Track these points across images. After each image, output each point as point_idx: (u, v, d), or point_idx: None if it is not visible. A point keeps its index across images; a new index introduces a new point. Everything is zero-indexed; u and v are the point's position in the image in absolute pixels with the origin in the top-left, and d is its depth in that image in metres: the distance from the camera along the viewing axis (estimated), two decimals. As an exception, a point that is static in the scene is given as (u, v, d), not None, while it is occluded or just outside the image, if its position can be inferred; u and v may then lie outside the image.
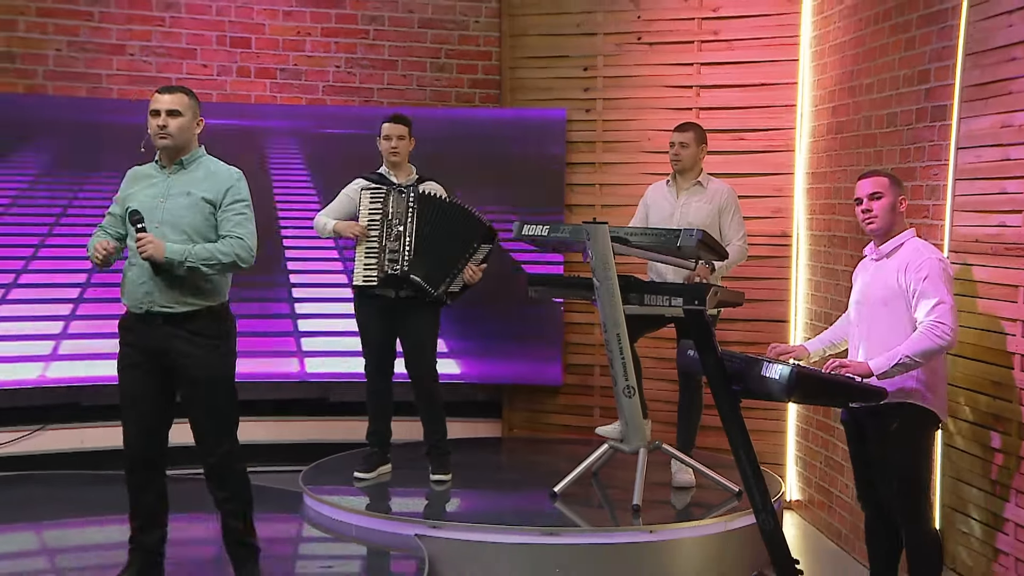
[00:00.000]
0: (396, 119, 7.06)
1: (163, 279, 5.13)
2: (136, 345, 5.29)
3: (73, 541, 6.68)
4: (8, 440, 8.07)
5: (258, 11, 8.52)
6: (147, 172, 5.43)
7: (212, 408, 5.35)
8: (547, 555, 6.16)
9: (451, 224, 7.00)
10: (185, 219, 5.23)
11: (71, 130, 8.06)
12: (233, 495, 5.43)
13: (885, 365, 4.99)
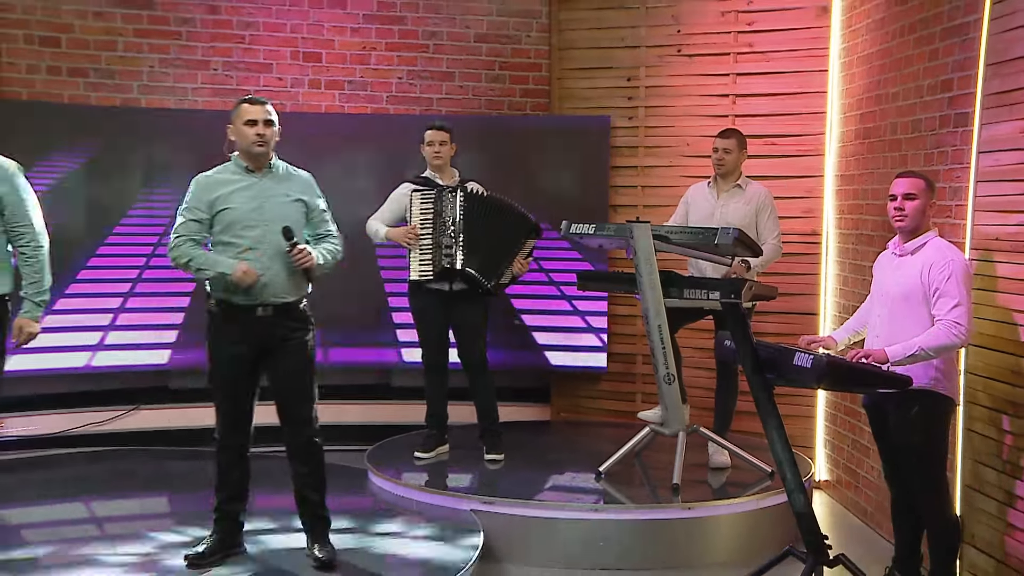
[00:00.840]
0: (438, 126, 7.06)
1: (280, 274, 5.22)
2: (238, 337, 5.32)
3: (159, 509, 6.71)
4: (105, 419, 8.22)
5: (328, 28, 8.54)
6: (228, 177, 5.41)
7: (303, 389, 5.42)
8: (593, 530, 6.17)
9: (499, 220, 6.98)
10: (291, 218, 5.31)
11: (160, 138, 8.11)
12: (312, 471, 5.48)
13: (901, 354, 5.01)
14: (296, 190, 5.41)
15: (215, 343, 5.39)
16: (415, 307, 7.14)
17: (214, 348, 5.40)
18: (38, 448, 7.85)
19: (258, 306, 5.25)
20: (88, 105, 8.20)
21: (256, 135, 5.28)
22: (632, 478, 6.85)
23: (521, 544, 6.19)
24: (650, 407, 7.10)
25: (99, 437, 8.15)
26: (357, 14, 8.57)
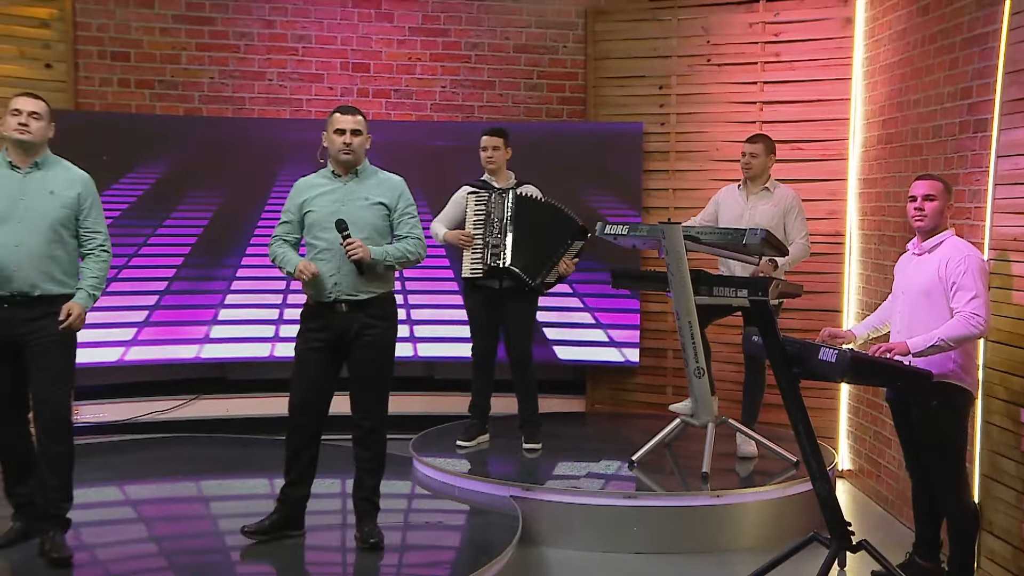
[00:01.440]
0: (492, 132, 7.05)
1: (350, 273, 5.27)
2: (319, 329, 5.38)
3: (219, 492, 6.74)
4: (168, 407, 8.32)
5: (376, 40, 8.57)
6: (318, 182, 5.50)
7: (379, 380, 5.46)
8: (626, 516, 6.18)
9: (546, 222, 6.96)
10: (368, 220, 5.35)
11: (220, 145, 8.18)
12: (373, 456, 5.50)
13: (922, 345, 5.02)
14: (378, 194, 5.43)
15: (301, 333, 5.48)
16: (468, 303, 7.15)
17: (300, 338, 5.48)
18: (107, 434, 7.92)
19: (335, 302, 5.31)
20: (153, 115, 8.30)
21: (343, 143, 5.34)
22: (663, 467, 6.83)
23: (558, 529, 6.18)
24: (681, 399, 7.08)
25: (162, 424, 8.23)
26: (403, 27, 8.60)
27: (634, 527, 6.11)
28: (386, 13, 8.57)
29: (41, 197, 5.14)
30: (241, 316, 8.21)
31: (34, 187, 5.15)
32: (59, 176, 5.24)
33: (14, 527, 5.35)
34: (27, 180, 5.16)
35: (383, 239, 5.42)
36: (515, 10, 8.66)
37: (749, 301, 5.86)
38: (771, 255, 6.37)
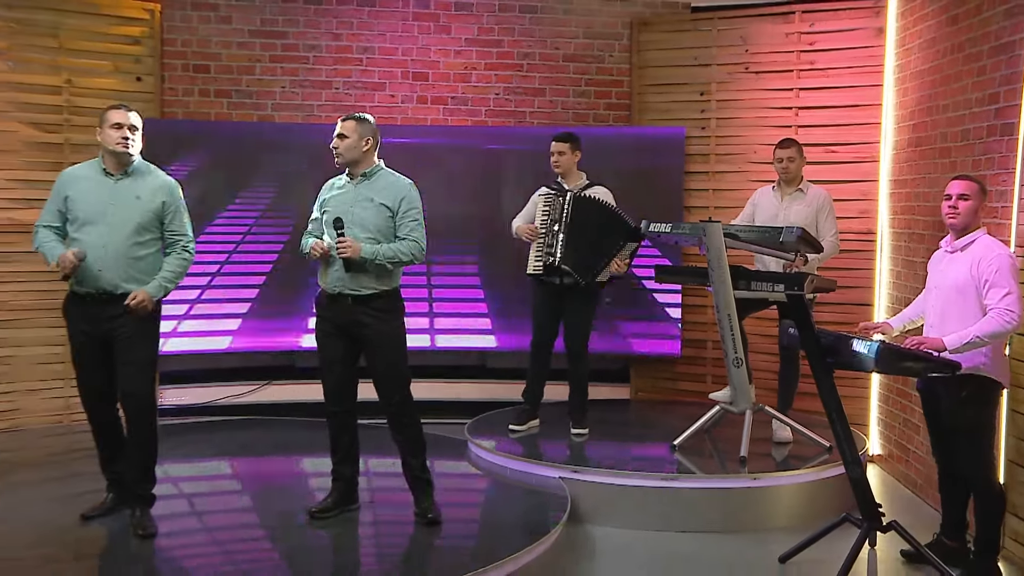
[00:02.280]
0: (558, 137, 7.01)
1: (351, 270, 5.28)
2: (330, 319, 5.45)
3: (287, 470, 6.78)
4: (242, 392, 8.40)
5: (434, 51, 8.57)
6: (339, 183, 5.55)
7: (389, 367, 5.44)
8: (667, 497, 6.17)
9: (600, 223, 6.90)
10: (370, 221, 5.36)
11: (290, 149, 8.20)
12: (409, 439, 5.52)
13: (958, 342, 4.99)
14: (383, 196, 5.41)
15: (316, 324, 5.55)
16: (532, 298, 7.14)
17: (316, 328, 5.56)
18: (186, 416, 8.01)
19: (340, 295, 5.35)
20: (230, 121, 8.37)
21: (332, 147, 5.42)
22: (703, 451, 6.81)
23: (603, 508, 6.19)
24: (720, 388, 7.08)
25: (235, 408, 8.32)
26: (460, 38, 8.59)
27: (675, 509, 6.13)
28: (444, 26, 8.57)
29: (128, 202, 5.20)
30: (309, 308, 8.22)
31: (123, 193, 5.21)
32: (147, 183, 5.29)
33: (108, 497, 5.48)
34: (117, 186, 5.22)
35: (387, 239, 5.40)
36: (564, 22, 8.63)
37: (786, 295, 5.83)
38: (806, 251, 6.31)
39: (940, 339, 5.03)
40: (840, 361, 5.14)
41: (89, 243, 5.13)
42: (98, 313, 5.18)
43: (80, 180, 5.27)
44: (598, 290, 7.01)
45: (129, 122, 5.19)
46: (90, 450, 5.50)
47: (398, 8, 8.52)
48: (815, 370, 5.29)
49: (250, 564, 5.03)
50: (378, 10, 8.50)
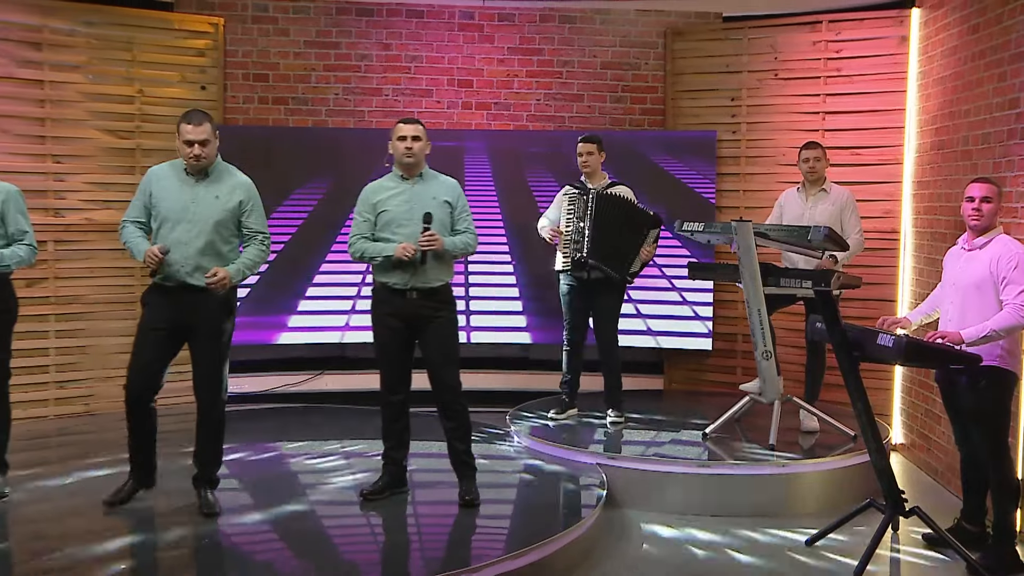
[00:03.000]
0: (585, 139, 7.01)
1: (426, 263, 5.33)
2: (393, 313, 5.45)
3: (340, 454, 6.78)
4: (298, 381, 8.48)
5: (478, 59, 8.59)
6: (387, 185, 5.55)
7: (445, 357, 5.47)
8: (699, 483, 6.19)
9: (623, 217, 6.89)
10: (437, 217, 5.42)
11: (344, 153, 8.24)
12: (458, 425, 5.55)
13: (975, 335, 5.00)
14: (443, 193, 5.48)
15: (377, 318, 5.54)
16: (561, 293, 7.11)
17: (376, 322, 5.55)
18: (245, 403, 8.04)
19: (409, 290, 5.37)
20: (287, 127, 8.42)
21: (405, 148, 5.40)
22: (734, 439, 6.79)
23: (638, 493, 6.20)
24: (749, 379, 7.06)
25: (291, 396, 8.39)
26: (503, 47, 8.60)
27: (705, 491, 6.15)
28: (488, 35, 8.59)
29: (208, 202, 5.23)
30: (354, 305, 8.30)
31: (203, 193, 5.23)
32: (225, 183, 5.31)
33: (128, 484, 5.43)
34: (197, 187, 5.24)
35: (446, 233, 5.45)
36: (602, 31, 8.62)
37: (814, 292, 5.86)
38: (833, 249, 6.34)
39: (958, 333, 5.03)
40: (866, 354, 5.15)
41: (172, 240, 5.17)
42: (180, 304, 5.21)
43: (164, 179, 5.30)
44: (629, 281, 7.02)
45: (200, 138, 5.15)
46: (159, 433, 5.49)
47: (444, 19, 8.55)
48: (842, 363, 5.30)
49: (307, 542, 5.06)
50: (426, 21, 8.53)
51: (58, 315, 7.73)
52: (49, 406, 7.71)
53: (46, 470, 6.18)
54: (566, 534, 5.15)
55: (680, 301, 8.36)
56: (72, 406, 7.77)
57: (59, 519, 5.23)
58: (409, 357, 5.54)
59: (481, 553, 4.95)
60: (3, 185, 5.56)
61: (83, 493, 5.59)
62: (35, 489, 5.71)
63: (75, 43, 7.72)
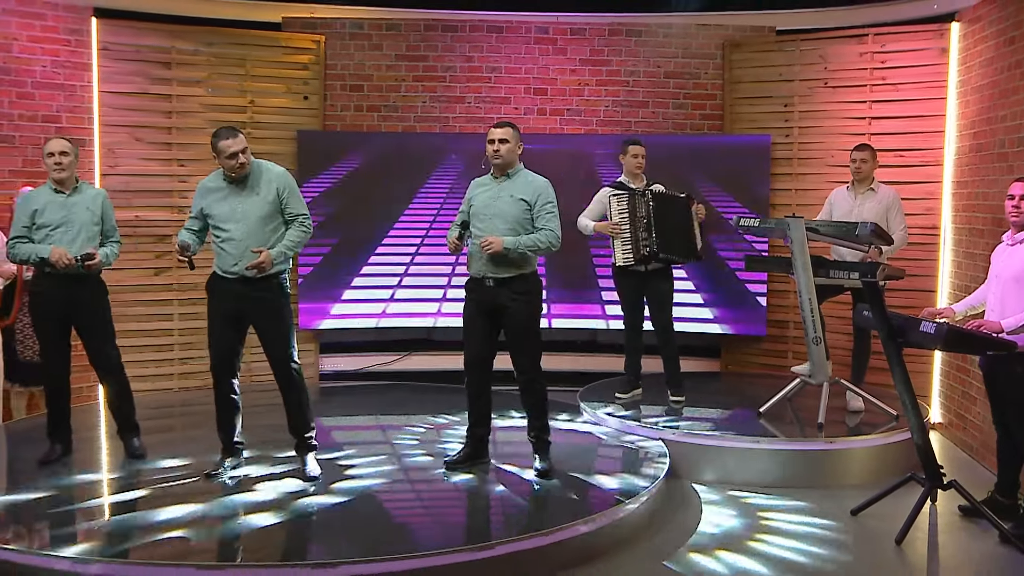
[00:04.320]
0: (639, 142, 7.00)
1: (495, 258, 5.36)
2: (476, 300, 5.54)
3: (426, 427, 6.85)
4: (388, 361, 8.58)
5: (552, 70, 8.62)
6: (483, 181, 5.63)
7: (526, 343, 5.49)
8: (754, 457, 6.19)
9: (674, 208, 6.88)
10: (510, 213, 5.43)
11: (431, 156, 8.34)
12: (537, 403, 5.60)
13: (1014, 324, 4.96)
14: (523, 192, 5.47)
15: (465, 306, 5.62)
16: (619, 285, 7.13)
17: (464, 309, 5.62)
18: (341, 380, 8.22)
19: (486, 278, 5.43)
20: (379, 132, 8.50)
21: (493, 151, 5.46)
22: (785, 417, 6.77)
23: (698, 465, 6.23)
24: (800, 363, 7.07)
25: (382, 374, 8.50)
26: (575, 58, 8.63)
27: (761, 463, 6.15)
28: (561, 48, 8.61)
29: (250, 200, 5.31)
30: (443, 294, 8.37)
31: (246, 195, 5.31)
32: (261, 179, 5.36)
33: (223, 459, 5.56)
34: (241, 191, 5.32)
35: (524, 229, 5.43)
36: (665, 43, 8.62)
37: (862, 282, 5.81)
38: (879, 244, 6.33)
39: (998, 322, 5.00)
40: (909, 340, 5.12)
41: (227, 238, 5.28)
42: (239, 293, 5.30)
43: (211, 192, 5.37)
44: (702, 258, 7.00)
45: (240, 148, 5.21)
46: (261, 405, 5.65)
47: (521, 33, 8.59)
48: (887, 348, 5.27)
49: (395, 506, 5.16)
50: (505, 35, 8.58)
51: (180, 300, 7.97)
52: (173, 380, 7.98)
53: (172, 435, 6.44)
54: (632, 502, 5.19)
55: (737, 291, 8.36)
56: (192, 380, 7.99)
57: (182, 476, 5.42)
58: (491, 341, 5.59)
59: (554, 519, 4.96)
60: (98, 189, 5.78)
61: (201, 454, 5.76)
62: (162, 451, 5.91)
63: (198, 61, 7.96)
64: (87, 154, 7.54)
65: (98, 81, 7.62)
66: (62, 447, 5.75)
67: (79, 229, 5.56)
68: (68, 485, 5.38)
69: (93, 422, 6.47)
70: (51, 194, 5.60)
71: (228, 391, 5.47)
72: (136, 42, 7.75)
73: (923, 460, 5.31)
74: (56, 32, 7.41)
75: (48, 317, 5.65)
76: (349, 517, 5.02)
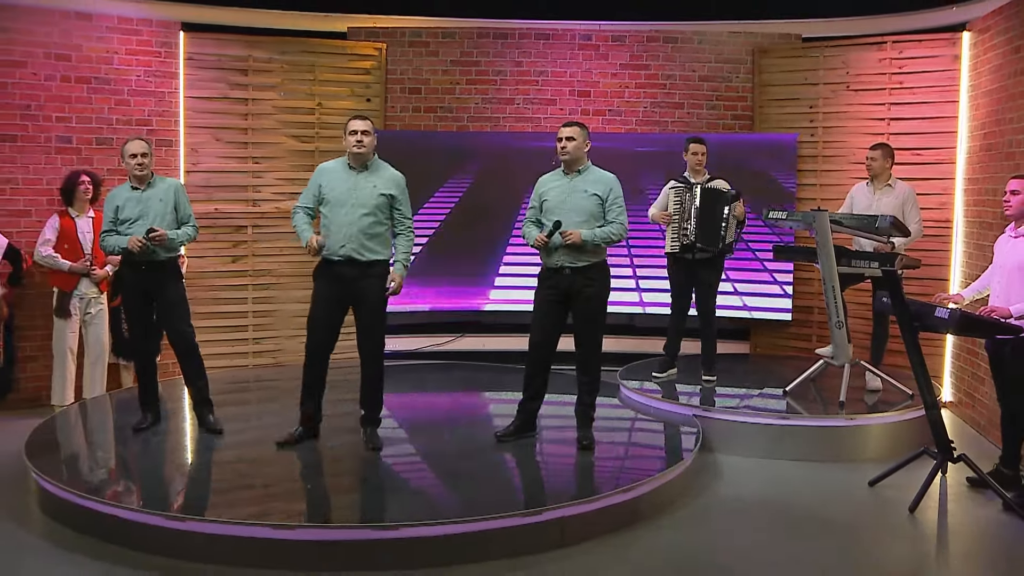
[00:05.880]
0: (701, 140, 7.06)
1: (571, 249, 5.47)
2: (552, 287, 5.58)
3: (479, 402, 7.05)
4: (443, 342, 8.71)
5: (595, 73, 8.69)
6: (552, 177, 5.70)
7: (592, 322, 5.59)
8: (780, 432, 6.26)
9: (715, 202, 6.90)
10: (584, 207, 5.52)
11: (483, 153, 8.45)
12: (591, 379, 5.68)
13: (1021, 311, 5.03)
14: (594, 187, 5.53)
15: (538, 289, 5.66)
16: (670, 270, 7.14)
17: (537, 292, 5.66)
18: (400, 359, 8.23)
19: (564, 267, 5.52)
20: (435, 131, 8.64)
21: (561, 148, 5.55)
22: (809, 396, 6.81)
23: (728, 440, 6.28)
24: (823, 345, 7.09)
25: (437, 354, 8.63)
26: (616, 63, 8.70)
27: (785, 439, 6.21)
28: (603, 53, 8.69)
29: (367, 190, 5.43)
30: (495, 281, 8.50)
31: (363, 183, 5.45)
32: (381, 175, 5.51)
33: (298, 431, 5.63)
34: (358, 178, 5.46)
35: (596, 221, 5.49)
36: (700, 50, 8.68)
37: (881, 271, 5.89)
38: (897, 235, 6.34)
39: (1007, 308, 5.07)
40: (924, 325, 5.16)
41: (336, 220, 5.41)
42: (344, 275, 5.40)
43: (331, 172, 5.52)
44: (729, 252, 7.01)
45: (361, 128, 5.43)
46: (332, 382, 5.68)
47: (567, 40, 8.66)
48: (904, 331, 5.31)
49: (450, 473, 5.25)
50: (551, 42, 8.67)
51: (254, 285, 8.21)
52: (248, 358, 8.22)
53: (246, 409, 6.63)
54: (667, 473, 5.25)
55: (766, 280, 8.40)
56: (264, 359, 8.25)
57: (256, 447, 5.58)
58: (560, 325, 5.62)
59: (598, 487, 5.04)
60: (171, 180, 5.98)
61: (272, 425, 5.90)
62: (237, 424, 6.04)
63: (272, 68, 8.17)
64: (173, 153, 7.85)
65: (184, 88, 7.90)
66: (152, 416, 5.97)
67: (153, 219, 5.71)
68: (157, 450, 5.62)
69: (179, 394, 6.70)
70: (130, 191, 5.77)
71: (322, 366, 5.58)
72: (218, 52, 8.01)
73: (935, 435, 5.38)
74: (150, 45, 7.71)
75: (132, 299, 5.87)
76: (408, 484, 5.16)
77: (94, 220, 6.95)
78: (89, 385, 6.99)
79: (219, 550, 4.36)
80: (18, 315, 7.16)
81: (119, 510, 4.60)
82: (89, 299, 6.93)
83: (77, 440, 5.91)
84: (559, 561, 4.47)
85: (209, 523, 4.41)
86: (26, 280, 7.08)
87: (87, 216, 6.99)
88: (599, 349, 5.66)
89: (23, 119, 7.27)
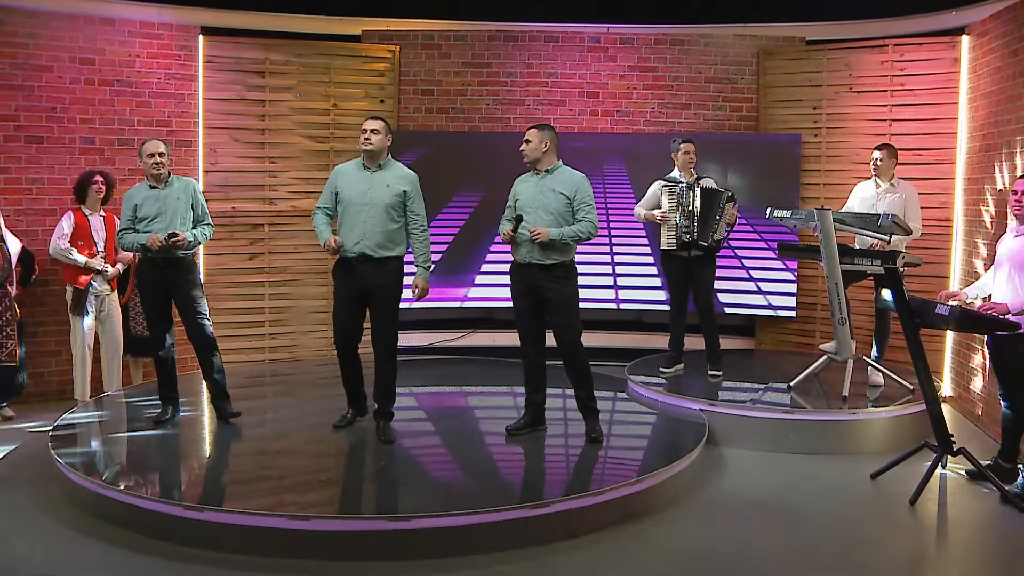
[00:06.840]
0: (691, 140, 7.07)
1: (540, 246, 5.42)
2: (520, 283, 5.60)
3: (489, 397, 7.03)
4: (454, 337, 8.72)
5: (603, 75, 8.68)
6: (526, 178, 5.71)
7: (564, 319, 5.55)
8: (784, 426, 6.24)
9: (713, 201, 6.91)
10: (552, 206, 5.51)
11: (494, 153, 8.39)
12: (578, 375, 5.65)
13: (1020, 307, 5.02)
14: (562, 186, 5.51)
15: (512, 288, 5.66)
16: (666, 268, 7.18)
17: (511, 292, 5.67)
18: (410, 354, 8.29)
19: (531, 264, 5.51)
20: (447, 131, 8.65)
21: (521, 149, 5.59)
22: (812, 391, 6.80)
23: (734, 434, 6.28)
24: (827, 341, 7.10)
25: (449, 350, 8.64)
26: (623, 65, 8.69)
27: (791, 434, 6.18)
28: (611, 56, 8.68)
29: (381, 188, 5.48)
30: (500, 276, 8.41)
31: (377, 182, 5.50)
32: (395, 174, 5.55)
33: (349, 412, 5.87)
34: (373, 176, 5.51)
35: (565, 220, 5.47)
36: (706, 52, 8.67)
37: (883, 268, 5.87)
38: (898, 233, 6.32)
39: (1006, 304, 5.05)
40: (925, 321, 5.16)
41: (350, 218, 5.47)
42: (361, 271, 5.44)
43: (346, 173, 5.61)
44: (719, 247, 6.98)
45: (371, 127, 5.48)
46: None
47: (576, 42, 8.66)
48: (905, 328, 5.30)
49: (461, 466, 5.30)
50: (560, 44, 8.66)
51: (271, 282, 8.24)
52: (264, 353, 8.25)
53: (262, 403, 6.68)
54: (674, 466, 5.24)
55: (770, 277, 8.38)
56: (281, 353, 8.27)
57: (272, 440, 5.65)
58: (539, 319, 5.61)
59: (606, 479, 5.05)
60: (187, 179, 6.01)
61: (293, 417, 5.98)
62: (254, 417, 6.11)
63: (288, 70, 8.19)
64: (192, 153, 7.88)
65: (203, 90, 7.94)
66: (172, 409, 6.03)
67: (171, 217, 5.76)
68: (176, 442, 5.68)
69: (197, 388, 6.73)
70: (147, 190, 5.82)
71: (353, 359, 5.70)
72: (236, 55, 8.05)
73: (935, 430, 5.37)
74: (170, 49, 7.76)
75: (150, 295, 5.92)
76: (421, 476, 5.18)
77: (106, 219, 6.98)
78: (108, 379, 7.04)
79: (236, 540, 4.39)
80: (40, 311, 7.22)
81: (139, 499, 4.64)
82: (104, 296, 6.97)
83: (99, 432, 5.94)
84: (566, 553, 4.47)
85: (226, 513, 4.45)
86: (37, 278, 7.13)
87: (99, 215, 7.02)
88: (579, 343, 5.61)
89: (49, 121, 7.33)
